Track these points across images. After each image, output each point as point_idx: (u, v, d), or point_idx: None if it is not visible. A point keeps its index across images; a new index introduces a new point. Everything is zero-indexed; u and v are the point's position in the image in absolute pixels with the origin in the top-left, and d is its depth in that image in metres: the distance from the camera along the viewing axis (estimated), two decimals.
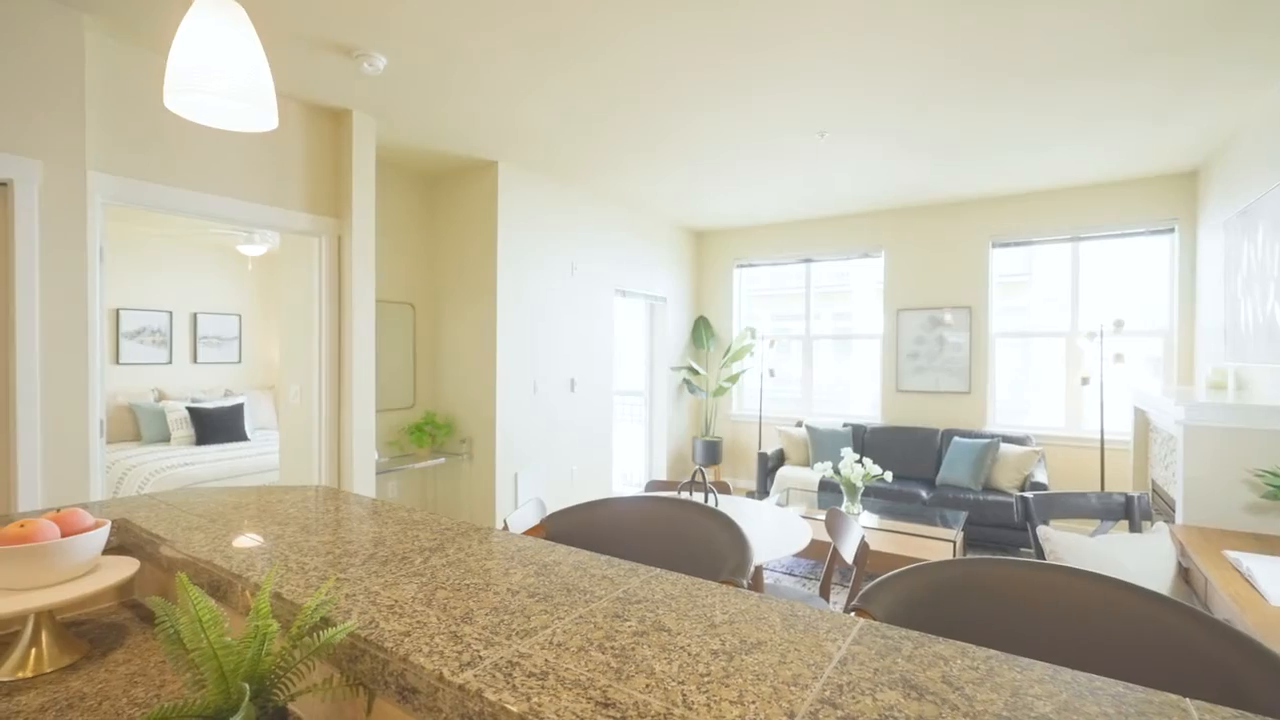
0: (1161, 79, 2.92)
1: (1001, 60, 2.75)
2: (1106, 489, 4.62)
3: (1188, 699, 0.58)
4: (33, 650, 0.89)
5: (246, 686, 0.61)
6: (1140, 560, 2.11)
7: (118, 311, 5.58)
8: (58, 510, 1.02)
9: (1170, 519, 2.90)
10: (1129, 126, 3.52)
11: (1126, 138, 3.70)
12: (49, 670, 0.88)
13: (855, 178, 4.59)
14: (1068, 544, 2.08)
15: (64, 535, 0.95)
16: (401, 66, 2.85)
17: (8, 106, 2.24)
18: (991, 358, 5.19)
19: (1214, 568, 1.98)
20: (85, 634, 1.02)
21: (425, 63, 2.81)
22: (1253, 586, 1.82)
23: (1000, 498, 4.37)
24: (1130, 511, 2.25)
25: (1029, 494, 2.23)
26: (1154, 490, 3.56)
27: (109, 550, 1.18)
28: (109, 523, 1.03)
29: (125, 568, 1.01)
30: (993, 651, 0.68)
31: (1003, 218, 5.09)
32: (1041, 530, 2.15)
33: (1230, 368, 3.37)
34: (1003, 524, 4.30)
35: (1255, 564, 1.92)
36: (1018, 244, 5.12)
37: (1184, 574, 2.20)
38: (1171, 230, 4.51)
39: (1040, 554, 2.13)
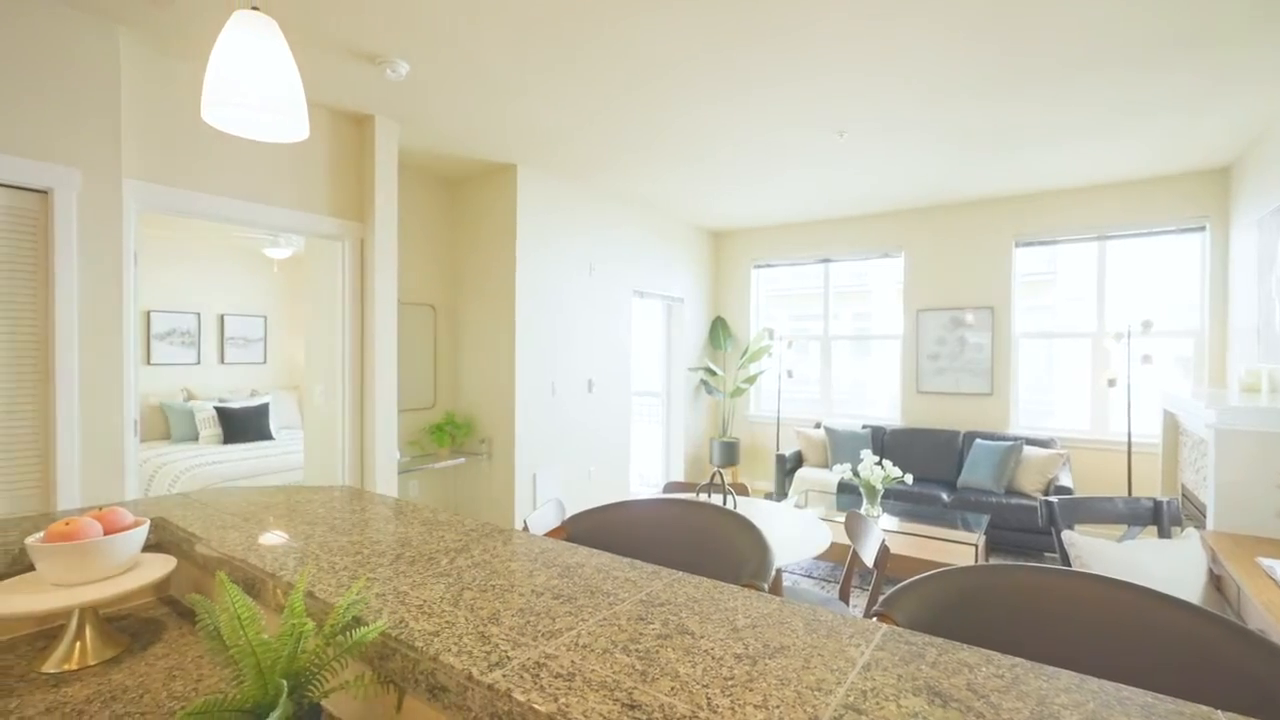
0: (1193, 72, 2.85)
1: (1026, 51, 2.69)
2: (1134, 493, 4.52)
3: (1219, 711, 0.57)
4: (77, 644, 0.93)
5: (284, 683, 0.63)
6: (1169, 567, 2.06)
7: (148, 313, 5.73)
8: (99, 509, 1.06)
9: (1201, 525, 2.83)
10: (1159, 121, 3.44)
11: (1156, 133, 3.62)
12: (93, 663, 0.92)
13: (874, 176, 4.55)
14: (1094, 549, 2.05)
15: (106, 533, 0.99)
16: (422, 71, 2.89)
17: (48, 117, 2.32)
18: (1015, 359, 5.11)
19: (1247, 575, 1.93)
20: (125, 629, 1.05)
21: (444, 66, 2.85)
22: None
23: (1024, 501, 4.30)
24: (1159, 517, 2.21)
25: (1053, 498, 2.20)
26: (1184, 495, 3.48)
27: (147, 548, 1.22)
28: (148, 521, 1.07)
29: (163, 565, 1.05)
30: (1018, 659, 0.67)
31: (1026, 216, 5.01)
32: (1067, 535, 2.12)
33: (1264, 369, 3.28)
34: (1026, 528, 4.23)
35: None
36: (1042, 243, 5.03)
37: (1216, 582, 2.15)
38: (1202, 228, 4.40)
39: (1065, 560, 2.10)
